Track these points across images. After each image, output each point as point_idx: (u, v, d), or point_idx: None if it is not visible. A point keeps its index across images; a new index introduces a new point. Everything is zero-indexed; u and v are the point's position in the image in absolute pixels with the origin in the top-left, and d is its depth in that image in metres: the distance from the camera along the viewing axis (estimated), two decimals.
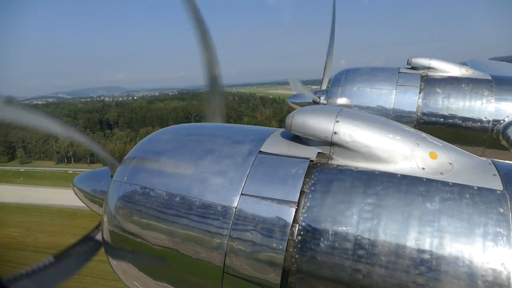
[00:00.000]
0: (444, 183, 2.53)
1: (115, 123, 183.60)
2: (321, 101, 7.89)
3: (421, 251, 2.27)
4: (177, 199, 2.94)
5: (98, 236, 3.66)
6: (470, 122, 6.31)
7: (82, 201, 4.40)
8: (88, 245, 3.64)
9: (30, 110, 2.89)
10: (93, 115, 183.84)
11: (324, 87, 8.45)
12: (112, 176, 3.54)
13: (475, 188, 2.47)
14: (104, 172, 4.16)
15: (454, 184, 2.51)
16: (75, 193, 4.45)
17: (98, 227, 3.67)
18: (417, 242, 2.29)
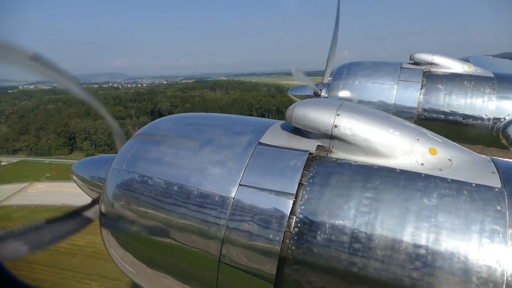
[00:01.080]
0: (443, 179, 2.53)
1: (168, 114, 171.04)
2: (323, 94, 7.85)
3: (417, 246, 2.28)
4: (175, 188, 2.94)
5: (90, 212, 3.64)
6: (471, 120, 6.29)
7: (80, 188, 4.40)
8: (81, 217, 3.63)
9: (56, 67, 2.90)
10: (142, 104, 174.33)
11: (326, 80, 8.39)
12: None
13: (473, 185, 2.47)
14: (103, 159, 4.16)
15: (453, 181, 2.51)
16: (74, 180, 4.45)
17: (92, 203, 3.66)
18: (414, 237, 2.30)
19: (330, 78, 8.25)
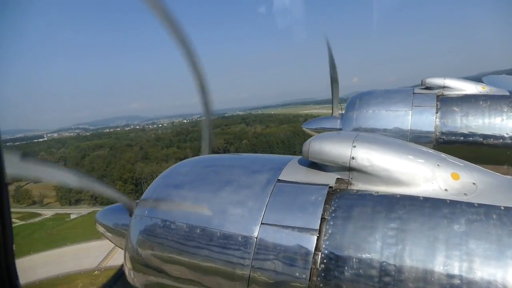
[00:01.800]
0: (469, 204, 2.47)
1: (224, 151, 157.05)
2: (338, 126, 7.89)
3: (451, 276, 2.19)
4: (198, 231, 2.95)
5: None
6: (492, 140, 6.16)
7: (105, 236, 4.44)
8: None
9: (45, 164, 3.01)
10: (195, 144, 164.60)
11: (335, 113, 8.44)
12: (130, 214, 3.61)
13: (502, 208, 2.40)
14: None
15: (480, 205, 2.45)
16: (98, 229, 4.51)
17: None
18: (446, 267, 2.22)
19: (340, 112, 8.29)
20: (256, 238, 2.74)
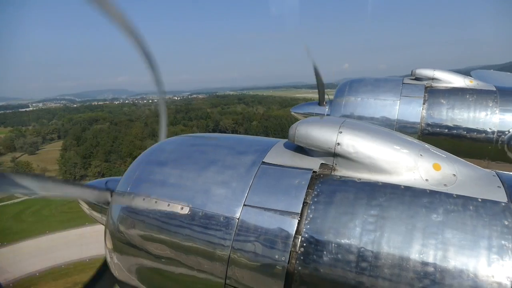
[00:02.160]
0: (448, 195, 2.52)
1: (232, 131, 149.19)
2: (326, 112, 7.91)
3: (425, 264, 2.25)
4: (180, 209, 2.95)
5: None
6: (475, 133, 6.28)
7: (86, 212, 4.40)
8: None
9: (8, 177, 2.83)
10: (202, 122, 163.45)
11: (322, 103, 8.43)
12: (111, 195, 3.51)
13: (479, 200, 2.45)
14: (108, 182, 4.17)
15: (458, 196, 2.50)
16: (80, 204, 4.46)
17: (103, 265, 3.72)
18: (421, 255, 2.27)
19: (329, 98, 8.29)
20: (238, 219, 2.75)
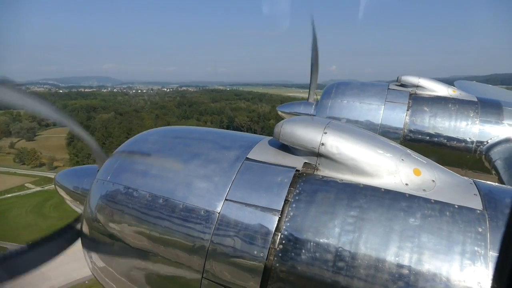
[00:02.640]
0: (426, 200, 2.57)
1: (248, 129, 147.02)
2: (311, 113, 7.96)
3: (400, 266, 2.29)
4: (160, 201, 2.92)
5: (75, 228, 3.57)
6: (455, 142, 6.42)
7: (64, 198, 4.31)
8: (65, 236, 3.54)
9: (26, 93, 2.81)
10: (215, 117, 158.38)
11: (311, 100, 8.49)
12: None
13: (456, 206, 2.51)
14: (87, 170, 4.10)
15: (436, 202, 2.55)
16: (57, 190, 4.37)
17: (77, 219, 3.59)
18: (397, 257, 2.31)
19: (315, 97, 8.36)
20: (219, 213, 2.74)
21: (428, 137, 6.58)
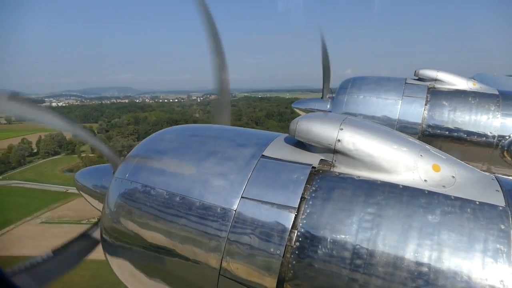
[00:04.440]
0: (446, 196, 2.51)
1: None
2: (327, 108, 7.89)
3: (420, 264, 2.25)
4: (177, 199, 2.94)
5: (96, 234, 3.68)
6: (475, 137, 6.27)
7: (83, 197, 4.41)
8: (86, 241, 3.65)
9: (34, 105, 2.91)
10: (286, 124, 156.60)
11: (325, 97, 8.42)
12: (114, 173, 3.55)
13: (477, 203, 2.45)
14: (107, 168, 4.17)
15: (456, 198, 2.49)
16: (77, 188, 4.47)
17: (97, 224, 3.69)
18: (416, 255, 2.27)
19: (329, 95, 8.29)
20: (235, 211, 2.75)
21: (447, 132, 6.43)
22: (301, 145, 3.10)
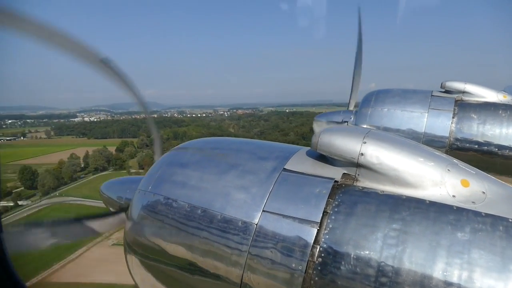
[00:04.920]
0: (476, 213, 2.41)
1: None
2: (350, 122, 7.78)
3: (448, 284, 2.15)
4: (199, 211, 2.96)
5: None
6: (507, 151, 6.02)
7: (108, 207, 4.51)
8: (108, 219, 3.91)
9: (123, 73, 3.34)
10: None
11: (351, 107, 8.31)
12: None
13: (510, 220, 2.34)
14: (131, 180, 4.26)
15: (487, 215, 2.38)
16: (102, 199, 4.57)
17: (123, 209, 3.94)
18: (445, 274, 2.18)
19: (357, 106, 8.18)
20: (256, 225, 2.73)
21: (476, 146, 6.21)
22: (323, 158, 3.06)
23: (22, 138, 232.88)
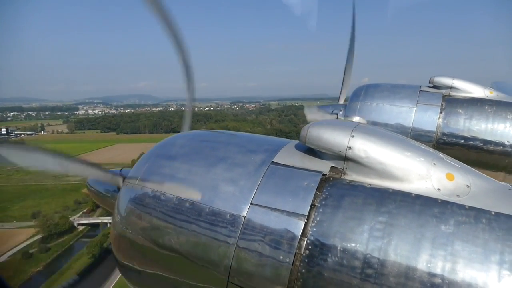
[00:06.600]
0: (460, 206, 2.45)
1: None
2: (339, 116, 7.81)
3: (432, 275, 2.19)
4: (187, 204, 2.95)
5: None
6: (492, 146, 6.12)
7: (95, 200, 4.46)
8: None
9: (22, 148, 3.05)
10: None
11: (341, 101, 8.33)
12: (118, 189, 3.62)
13: (493, 213, 2.38)
14: (119, 173, 4.22)
15: (471, 208, 2.43)
16: (89, 192, 4.52)
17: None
18: (429, 265, 2.22)
19: (347, 100, 8.20)
20: (244, 217, 2.74)
21: (462, 141, 6.30)
22: (312, 152, 3.07)
23: (42, 132, 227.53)
